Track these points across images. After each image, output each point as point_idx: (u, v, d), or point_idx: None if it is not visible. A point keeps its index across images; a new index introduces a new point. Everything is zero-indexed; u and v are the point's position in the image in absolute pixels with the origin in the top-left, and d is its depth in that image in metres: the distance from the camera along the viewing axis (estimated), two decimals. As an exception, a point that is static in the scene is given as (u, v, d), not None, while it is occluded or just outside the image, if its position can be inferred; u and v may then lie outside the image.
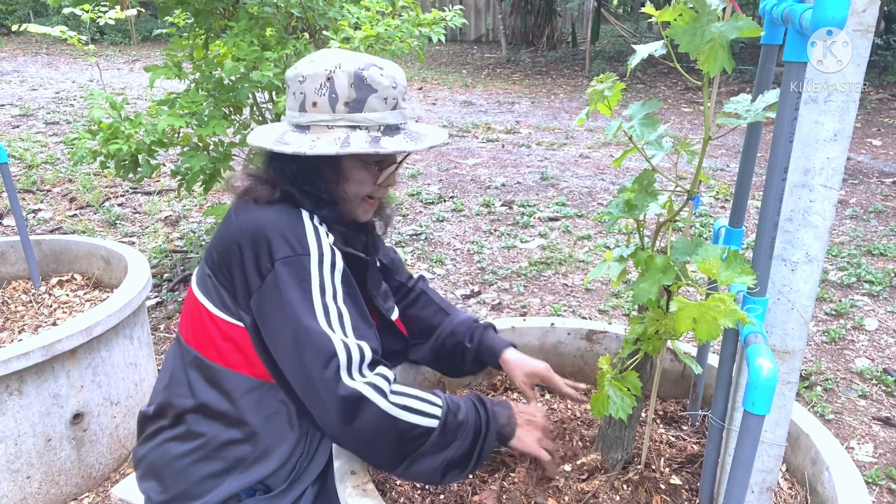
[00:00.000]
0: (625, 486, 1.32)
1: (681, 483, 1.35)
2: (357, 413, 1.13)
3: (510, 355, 1.53)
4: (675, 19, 0.96)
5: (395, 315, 1.51)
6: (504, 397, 1.71)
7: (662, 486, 1.33)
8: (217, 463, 1.28)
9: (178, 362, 1.34)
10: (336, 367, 1.14)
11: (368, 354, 1.18)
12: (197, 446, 1.29)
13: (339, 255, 1.24)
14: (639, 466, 1.36)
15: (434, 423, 1.18)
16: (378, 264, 1.53)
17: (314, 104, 1.25)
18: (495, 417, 1.28)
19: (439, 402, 1.21)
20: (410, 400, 1.18)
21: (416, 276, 1.68)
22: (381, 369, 1.19)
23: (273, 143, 1.24)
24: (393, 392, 1.17)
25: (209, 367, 1.29)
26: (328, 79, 1.23)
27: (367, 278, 1.38)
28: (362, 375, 1.16)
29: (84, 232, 4.30)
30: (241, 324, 1.25)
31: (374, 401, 1.14)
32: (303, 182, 1.27)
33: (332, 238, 1.25)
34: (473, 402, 1.28)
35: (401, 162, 1.36)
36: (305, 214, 1.25)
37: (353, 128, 1.24)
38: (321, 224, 1.26)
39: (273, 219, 1.22)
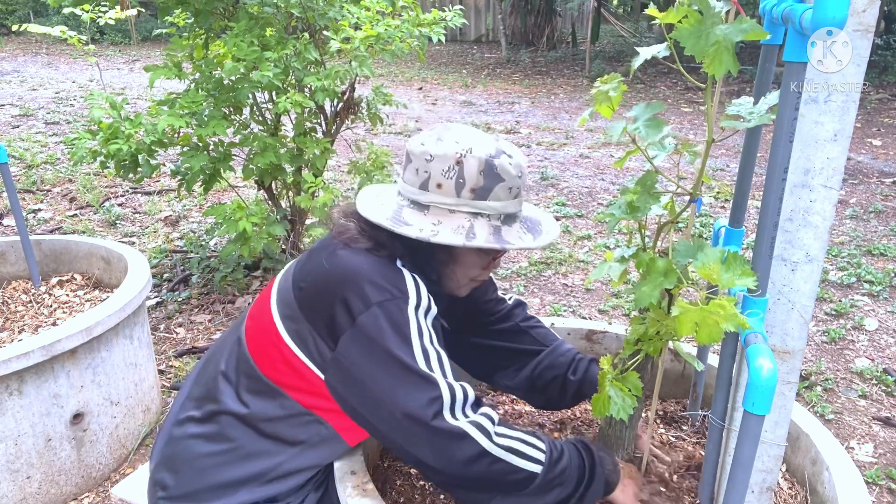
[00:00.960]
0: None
1: (680, 482, 1.35)
2: (460, 451, 1.12)
3: None
4: (679, 21, 0.96)
5: None
6: (504, 397, 1.70)
7: (663, 486, 1.33)
8: (238, 471, 1.26)
9: (232, 363, 1.33)
10: (440, 406, 1.13)
11: (472, 395, 1.17)
12: (224, 450, 1.27)
13: (431, 299, 1.23)
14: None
15: (538, 468, 1.16)
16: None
17: (439, 185, 1.23)
18: (602, 463, 1.24)
19: (543, 446, 1.18)
20: (515, 442, 1.16)
21: (511, 300, 1.63)
22: (485, 409, 1.18)
23: (390, 221, 1.23)
24: (497, 434, 1.15)
25: (262, 380, 1.27)
26: (458, 163, 1.21)
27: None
28: (465, 415, 1.14)
29: (84, 232, 4.30)
30: (309, 362, 1.23)
31: (478, 440, 1.12)
32: (414, 257, 1.26)
33: (425, 287, 1.24)
34: (577, 447, 1.24)
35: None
36: (399, 263, 1.24)
37: (476, 215, 1.23)
38: (413, 273, 1.25)
39: (369, 265, 1.21)
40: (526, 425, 1.57)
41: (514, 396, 1.71)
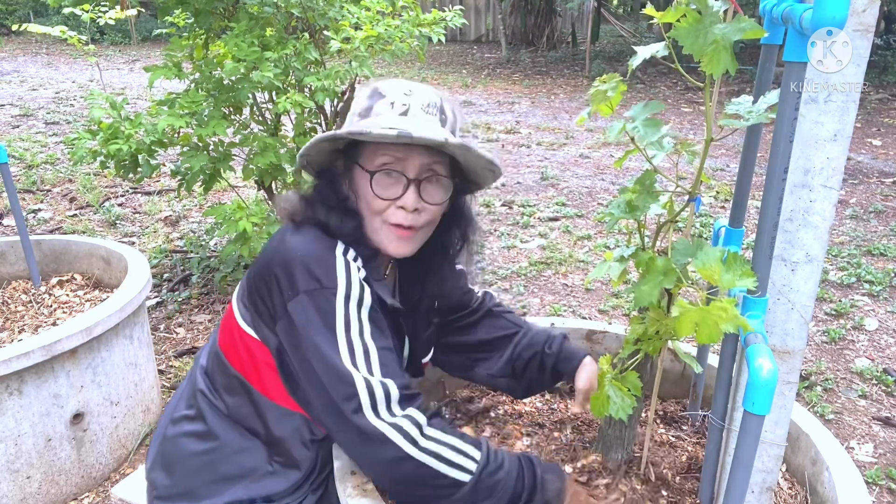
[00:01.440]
0: (623, 486, 1.31)
1: (681, 483, 1.35)
2: (381, 453, 1.09)
3: (590, 361, 1.44)
4: (677, 21, 0.96)
5: (426, 358, 1.48)
6: (504, 397, 1.70)
7: (662, 487, 1.33)
8: (228, 468, 1.27)
9: (211, 358, 1.35)
10: (358, 404, 1.09)
11: (395, 393, 1.11)
12: (212, 448, 1.28)
13: (367, 290, 1.19)
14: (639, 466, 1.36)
15: (465, 476, 1.10)
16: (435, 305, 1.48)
17: (346, 121, 1.27)
18: (543, 487, 1.16)
19: (477, 455, 1.12)
20: (443, 448, 1.11)
21: (481, 293, 1.59)
22: (411, 411, 1.12)
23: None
24: (425, 436, 1.10)
25: (231, 373, 1.29)
26: (356, 97, 1.26)
27: (401, 323, 1.33)
28: (390, 414, 1.10)
29: (84, 232, 4.30)
30: (265, 343, 1.23)
31: (399, 444, 1.08)
32: (325, 196, 1.25)
33: (363, 273, 1.21)
34: (521, 463, 1.17)
35: (420, 180, 1.22)
36: (340, 248, 1.21)
37: (359, 134, 1.19)
38: (354, 259, 1.22)
39: (305, 249, 1.19)
40: (526, 425, 1.56)
41: (509, 396, 1.71)
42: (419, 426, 1.10)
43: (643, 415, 1.46)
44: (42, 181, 5.30)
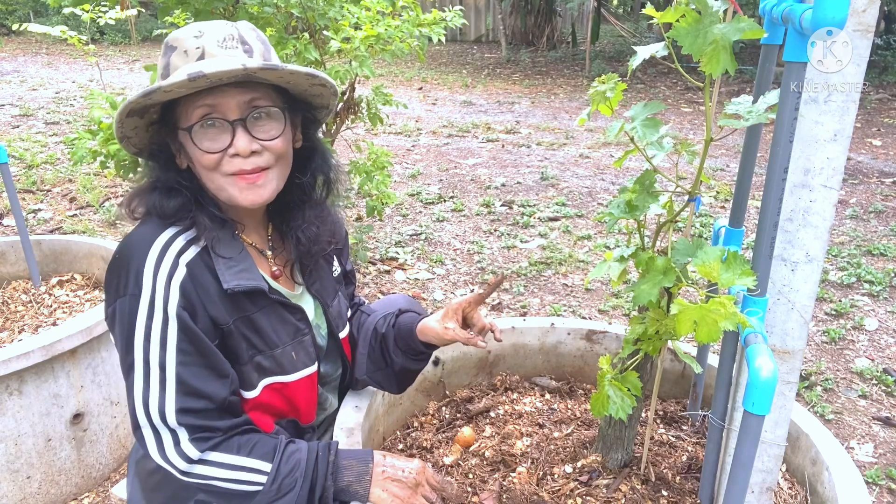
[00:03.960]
0: (624, 486, 1.32)
1: (681, 483, 1.35)
2: (157, 483, 1.18)
3: (427, 321, 1.38)
4: (677, 21, 0.96)
5: (343, 332, 1.44)
6: (504, 397, 1.71)
7: (662, 487, 1.33)
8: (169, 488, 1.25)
9: None
10: (142, 437, 1.14)
11: (183, 437, 1.13)
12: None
13: (176, 295, 1.12)
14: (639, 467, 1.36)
15: (254, 488, 1.14)
16: (336, 272, 1.44)
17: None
18: (337, 474, 1.17)
19: (267, 467, 1.14)
20: (223, 470, 1.14)
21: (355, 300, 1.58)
22: (184, 446, 1.12)
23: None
24: (202, 462, 1.13)
25: None
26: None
27: (287, 303, 1.28)
28: (173, 454, 1.13)
29: (84, 232, 4.30)
30: None
31: (175, 475, 1.13)
32: (157, 179, 1.19)
33: (183, 273, 1.13)
34: (318, 455, 1.18)
35: (232, 119, 1.13)
36: (163, 239, 1.14)
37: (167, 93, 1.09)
38: (189, 243, 1.15)
39: (122, 250, 1.15)
40: (526, 425, 1.56)
41: (511, 397, 1.71)
42: (190, 460, 1.13)
43: (643, 415, 1.46)
44: (42, 181, 5.30)
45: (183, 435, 1.13)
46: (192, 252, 1.16)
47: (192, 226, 1.17)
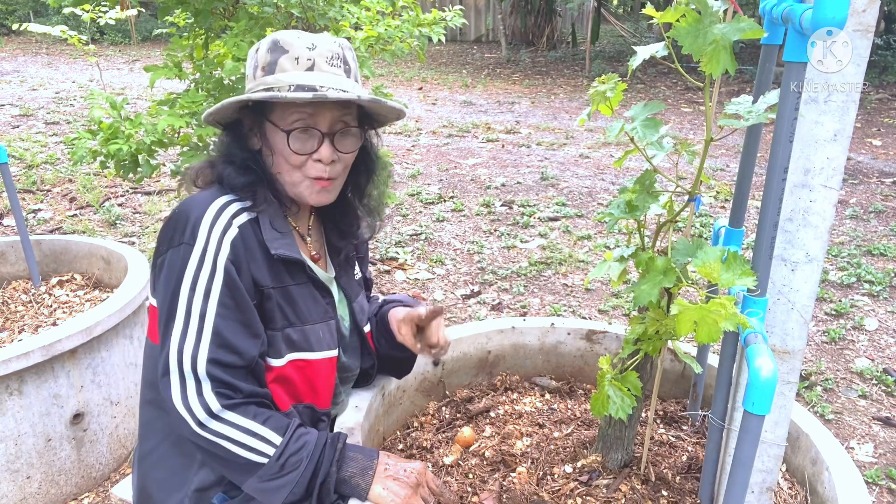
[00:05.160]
0: (624, 486, 1.32)
1: (681, 483, 1.35)
2: (180, 426, 1.15)
3: (395, 311, 1.48)
4: (677, 21, 0.96)
5: (367, 328, 1.49)
6: (504, 397, 1.71)
7: (662, 487, 1.33)
8: (181, 458, 1.28)
9: (144, 362, 1.36)
10: (168, 383, 1.15)
11: (206, 385, 1.15)
12: (156, 444, 1.30)
13: (227, 249, 1.18)
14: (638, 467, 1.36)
15: (261, 458, 1.15)
16: (358, 275, 1.50)
17: (246, 79, 1.28)
18: (342, 464, 1.19)
19: (278, 440, 1.16)
20: (236, 432, 1.15)
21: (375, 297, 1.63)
22: (210, 397, 1.15)
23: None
24: (218, 419, 1.14)
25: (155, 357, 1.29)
26: (256, 50, 1.25)
27: (312, 281, 1.32)
28: (195, 399, 1.14)
29: (84, 232, 4.30)
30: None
31: (190, 424, 1.14)
32: (230, 152, 1.27)
33: (235, 232, 1.19)
34: (326, 442, 1.20)
35: (328, 133, 1.24)
36: (220, 202, 1.22)
37: (267, 90, 1.21)
38: (239, 212, 1.22)
39: (183, 206, 1.21)
40: (526, 425, 1.56)
41: (511, 397, 1.71)
42: (210, 412, 1.14)
43: (643, 415, 1.46)
44: (42, 181, 5.30)
45: (207, 385, 1.15)
46: (244, 217, 1.23)
47: (250, 198, 1.24)
